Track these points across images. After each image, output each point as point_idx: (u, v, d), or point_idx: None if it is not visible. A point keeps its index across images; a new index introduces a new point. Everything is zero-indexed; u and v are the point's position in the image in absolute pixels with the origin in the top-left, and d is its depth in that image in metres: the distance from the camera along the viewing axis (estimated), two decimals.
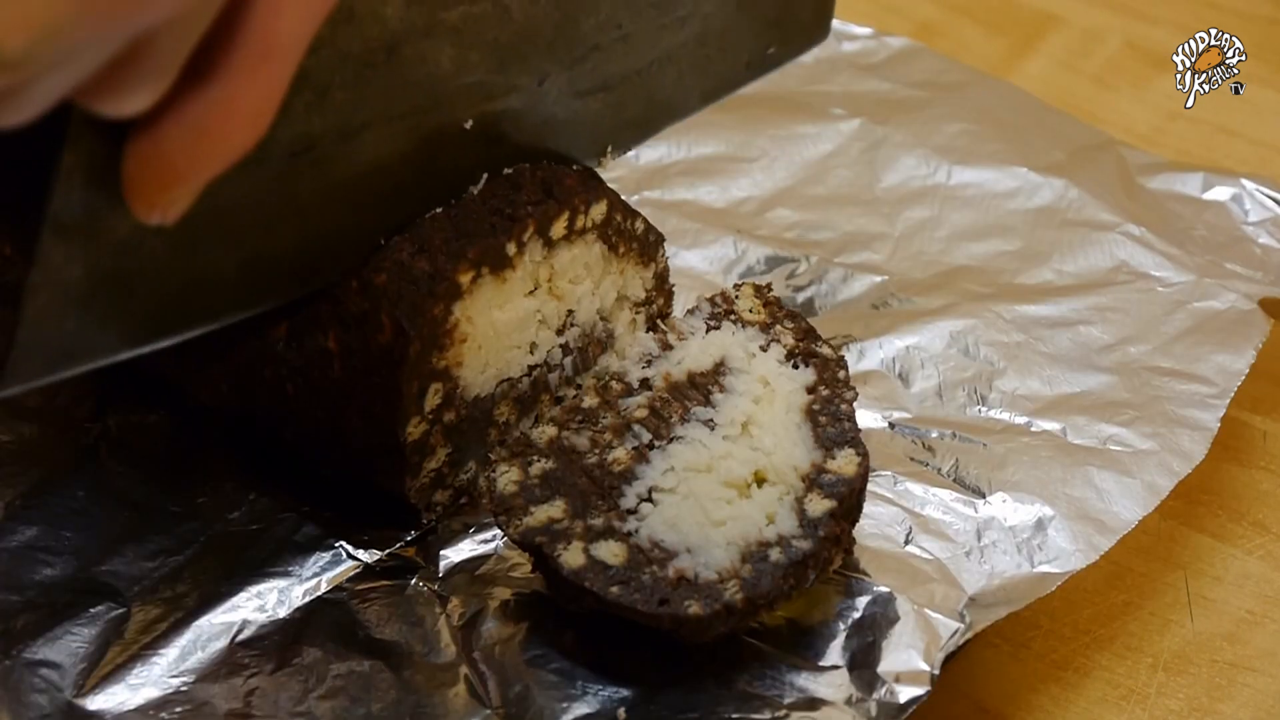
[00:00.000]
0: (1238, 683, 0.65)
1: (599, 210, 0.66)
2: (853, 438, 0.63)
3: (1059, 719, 0.63)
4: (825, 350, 0.66)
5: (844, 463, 0.62)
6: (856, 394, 0.65)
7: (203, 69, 0.46)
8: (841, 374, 0.65)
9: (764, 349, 0.66)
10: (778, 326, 0.67)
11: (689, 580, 0.59)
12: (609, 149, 0.69)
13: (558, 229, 0.65)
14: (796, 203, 0.83)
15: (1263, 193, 0.80)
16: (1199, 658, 0.65)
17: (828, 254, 0.80)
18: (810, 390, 0.65)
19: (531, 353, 0.66)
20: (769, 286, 0.69)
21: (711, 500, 0.61)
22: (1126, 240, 0.79)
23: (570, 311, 0.67)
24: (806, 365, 0.66)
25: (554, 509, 0.62)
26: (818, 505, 0.61)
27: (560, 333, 0.67)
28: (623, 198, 0.68)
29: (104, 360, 0.58)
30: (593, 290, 0.68)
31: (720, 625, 0.59)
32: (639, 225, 0.69)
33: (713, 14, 0.70)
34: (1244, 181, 0.81)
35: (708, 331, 0.67)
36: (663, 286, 0.71)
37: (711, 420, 0.64)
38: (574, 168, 0.67)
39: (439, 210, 0.64)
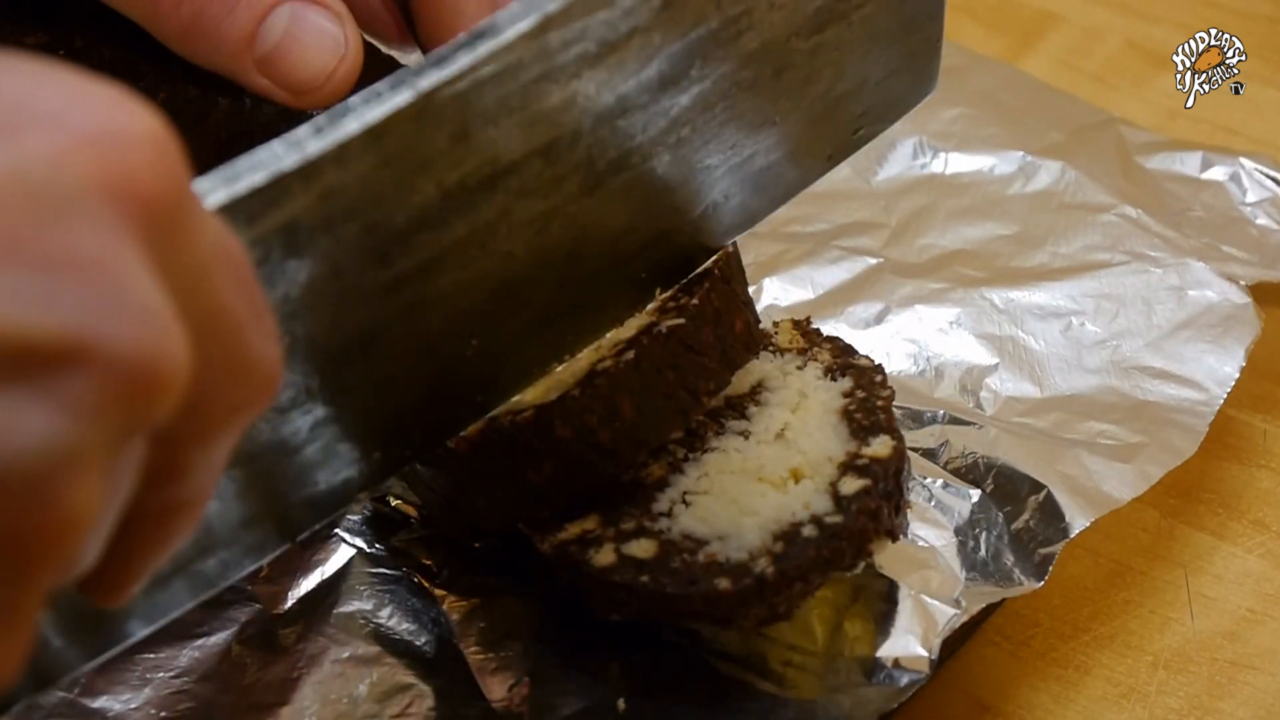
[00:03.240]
0: (1238, 681, 0.64)
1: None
2: (888, 426, 0.61)
3: (1059, 717, 0.63)
4: (862, 361, 0.65)
5: (878, 447, 0.61)
6: (894, 393, 0.63)
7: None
8: (879, 378, 0.64)
9: (800, 369, 0.65)
10: (815, 349, 0.66)
11: (719, 564, 0.57)
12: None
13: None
14: (794, 201, 0.82)
15: (1261, 172, 0.80)
16: (1199, 656, 0.65)
17: (822, 240, 0.79)
18: (847, 395, 0.64)
19: None
20: (808, 320, 0.68)
21: (745, 495, 0.60)
22: (1123, 222, 0.78)
23: None
24: (844, 375, 0.65)
25: (588, 522, 0.60)
26: (851, 484, 0.59)
27: None
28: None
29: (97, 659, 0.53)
30: None
31: (753, 602, 0.57)
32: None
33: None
34: (1242, 160, 0.80)
35: None
36: None
37: (747, 430, 0.63)
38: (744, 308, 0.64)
39: (627, 356, 0.59)
